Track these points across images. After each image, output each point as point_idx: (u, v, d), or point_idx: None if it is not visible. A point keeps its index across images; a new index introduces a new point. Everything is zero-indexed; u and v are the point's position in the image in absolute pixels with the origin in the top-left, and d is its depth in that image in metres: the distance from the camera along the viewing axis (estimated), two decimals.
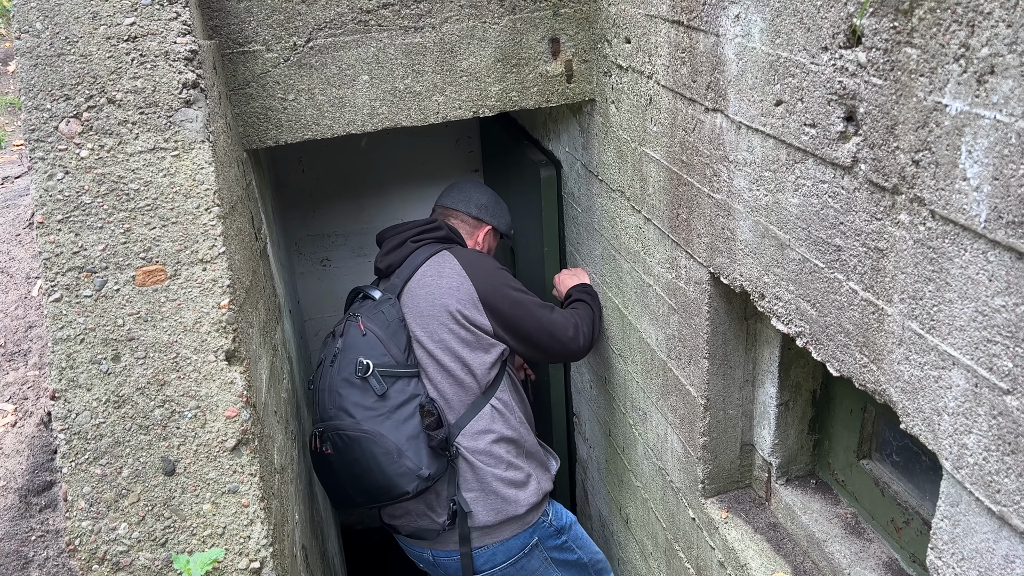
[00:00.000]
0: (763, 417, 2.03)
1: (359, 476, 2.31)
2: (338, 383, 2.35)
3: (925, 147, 1.12)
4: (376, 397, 2.32)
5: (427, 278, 2.48)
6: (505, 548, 2.56)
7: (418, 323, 2.44)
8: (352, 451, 2.30)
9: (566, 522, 2.71)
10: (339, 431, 2.31)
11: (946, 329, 1.14)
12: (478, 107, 2.34)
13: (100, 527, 1.56)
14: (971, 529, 1.15)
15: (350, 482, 2.35)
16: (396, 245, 2.62)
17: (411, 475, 2.31)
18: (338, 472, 2.34)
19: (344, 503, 2.46)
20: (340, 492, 2.40)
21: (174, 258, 1.65)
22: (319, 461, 2.39)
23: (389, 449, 2.30)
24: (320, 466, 2.41)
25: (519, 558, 2.60)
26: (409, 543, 2.66)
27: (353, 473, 2.32)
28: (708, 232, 1.83)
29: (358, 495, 2.37)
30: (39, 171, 1.63)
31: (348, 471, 2.33)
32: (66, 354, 1.58)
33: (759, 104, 1.53)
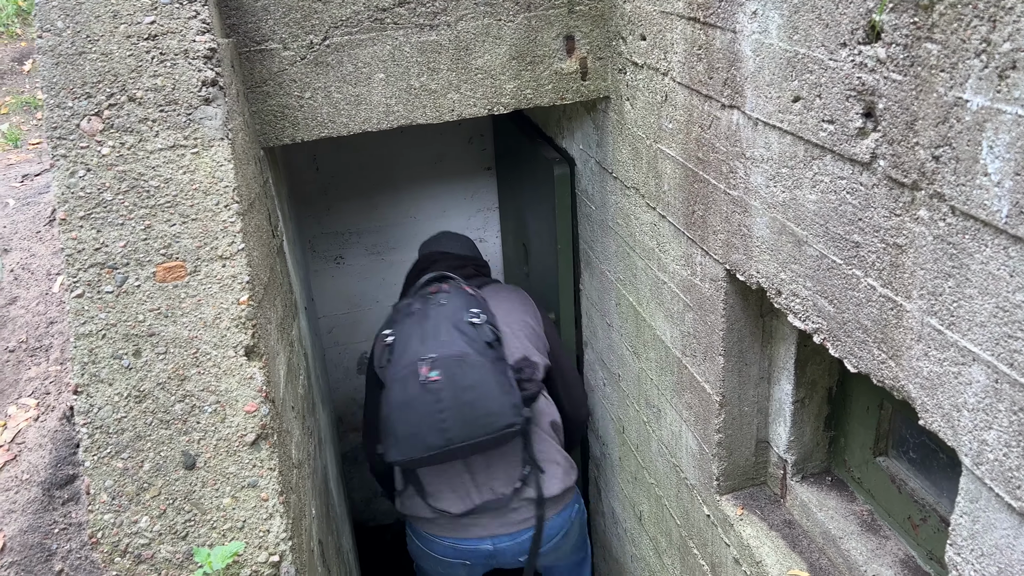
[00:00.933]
0: (779, 414, 2.03)
1: (471, 403, 2.34)
2: (450, 324, 2.46)
3: (945, 143, 1.12)
4: (483, 346, 2.43)
5: (502, 291, 2.91)
6: (560, 519, 2.79)
7: (500, 311, 2.72)
8: (468, 376, 2.36)
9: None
10: (458, 356, 2.37)
11: (966, 325, 1.14)
12: (493, 105, 2.35)
13: (122, 520, 1.58)
14: (991, 525, 1.15)
15: (457, 411, 2.34)
16: (461, 265, 3.00)
17: (518, 409, 2.41)
18: (443, 400, 2.33)
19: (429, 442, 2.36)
20: (433, 427, 2.35)
21: (194, 254, 1.66)
22: (416, 392, 2.36)
23: (501, 380, 2.41)
24: (414, 399, 2.35)
25: (578, 508, 2.90)
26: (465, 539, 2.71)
27: (464, 400, 2.34)
28: (724, 229, 1.83)
29: (460, 425, 2.34)
30: (61, 168, 1.65)
31: (458, 398, 2.34)
32: (88, 349, 1.60)
33: (776, 100, 1.53)
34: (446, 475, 2.64)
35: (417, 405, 2.35)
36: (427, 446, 2.35)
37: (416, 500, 2.69)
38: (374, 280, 4.23)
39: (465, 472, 2.64)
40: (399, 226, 4.15)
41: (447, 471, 2.63)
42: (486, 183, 4.17)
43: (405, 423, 2.35)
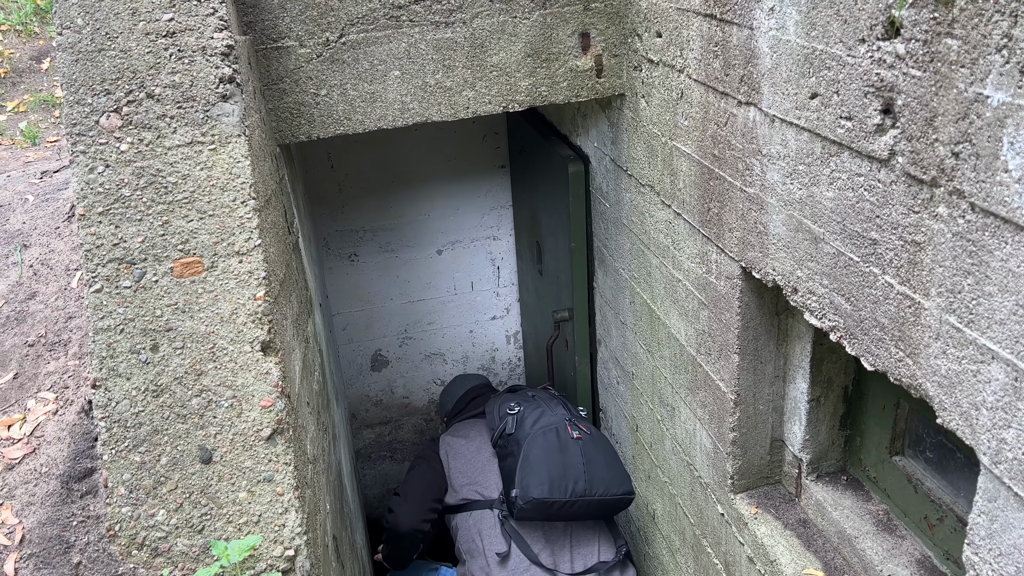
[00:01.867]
0: (794, 413, 2.02)
1: (606, 463, 2.66)
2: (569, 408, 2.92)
3: (965, 139, 1.11)
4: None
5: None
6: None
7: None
8: (601, 441, 2.75)
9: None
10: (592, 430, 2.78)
11: (985, 323, 1.13)
12: (508, 102, 2.35)
13: (139, 513, 1.59)
14: (1009, 524, 1.14)
15: (595, 464, 2.65)
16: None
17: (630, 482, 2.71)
18: (586, 453, 2.66)
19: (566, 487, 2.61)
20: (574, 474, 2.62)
21: (211, 250, 1.67)
22: (567, 441, 2.69)
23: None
24: (565, 446, 2.67)
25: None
26: None
27: (601, 460, 2.67)
28: (740, 226, 1.82)
29: (598, 481, 2.62)
30: (80, 164, 1.66)
31: (598, 456, 2.68)
32: (106, 344, 1.62)
33: (794, 97, 1.52)
34: (551, 543, 2.74)
35: (568, 452, 2.65)
36: (572, 491, 2.60)
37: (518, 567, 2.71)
38: (388, 277, 4.24)
39: (568, 538, 2.76)
40: (413, 224, 4.16)
41: (552, 539, 2.74)
42: (500, 181, 4.17)
43: (555, 466, 2.63)
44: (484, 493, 2.89)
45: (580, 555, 2.73)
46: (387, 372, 4.42)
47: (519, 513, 2.63)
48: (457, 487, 2.98)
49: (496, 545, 2.74)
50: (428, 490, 3.03)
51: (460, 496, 2.95)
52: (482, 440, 3.06)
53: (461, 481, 2.98)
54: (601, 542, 2.77)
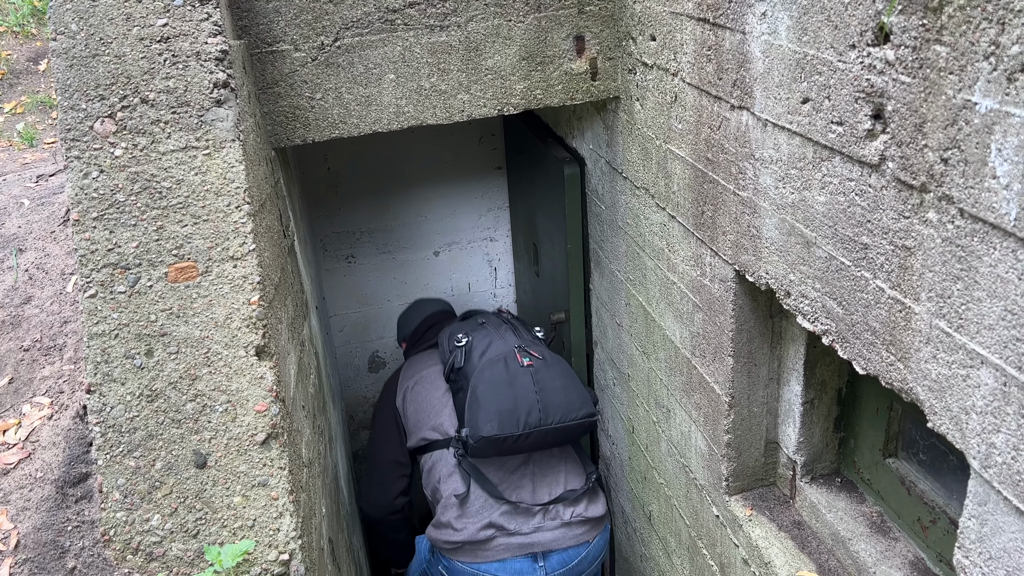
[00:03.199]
0: (788, 415, 2.03)
1: (561, 388, 2.58)
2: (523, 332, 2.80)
3: (954, 145, 1.11)
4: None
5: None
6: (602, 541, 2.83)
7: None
8: (556, 366, 2.65)
9: None
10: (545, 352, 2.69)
11: (974, 327, 1.13)
12: (503, 105, 2.35)
13: (134, 518, 1.60)
14: (999, 528, 1.15)
15: (551, 393, 2.55)
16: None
17: (595, 402, 2.65)
18: (539, 382, 2.56)
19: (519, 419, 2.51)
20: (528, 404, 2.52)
21: (205, 255, 1.68)
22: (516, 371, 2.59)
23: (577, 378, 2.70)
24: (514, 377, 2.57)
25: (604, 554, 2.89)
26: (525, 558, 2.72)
27: (556, 385, 2.59)
28: (733, 230, 1.83)
29: (553, 408, 2.53)
30: (74, 170, 1.66)
31: (552, 382, 2.59)
32: (101, 349, 1.62)
33: (785, 102, 1.53)
34: (513, 475, 2.66)
35: (517, 384, 2.53)
36: (525, 423, 2.49)
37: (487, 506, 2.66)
38: (385, 279, 4.24)
39: (531, 469, 2.69)
40: (410, 225, 4.17)
41: (513, 471, 2.67)
42: (496, 183, 4.18)
43: (505, 399, 2.51)
44: (442, 431, 2.79)
45: (545, 485, 2.68)
46: (384, 373, 4.43)
47: (472, 451, 2.56)
48: (414, 430, 2.88)
49: (454, 486, 2.67)
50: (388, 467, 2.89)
51: (419, 437, 2.85)
52: (437, 374, 2.95)
53: (419, 423, 2.87)
54: (568, 470, 2.71)
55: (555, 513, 2.67)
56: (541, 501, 2.66)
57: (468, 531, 2.63)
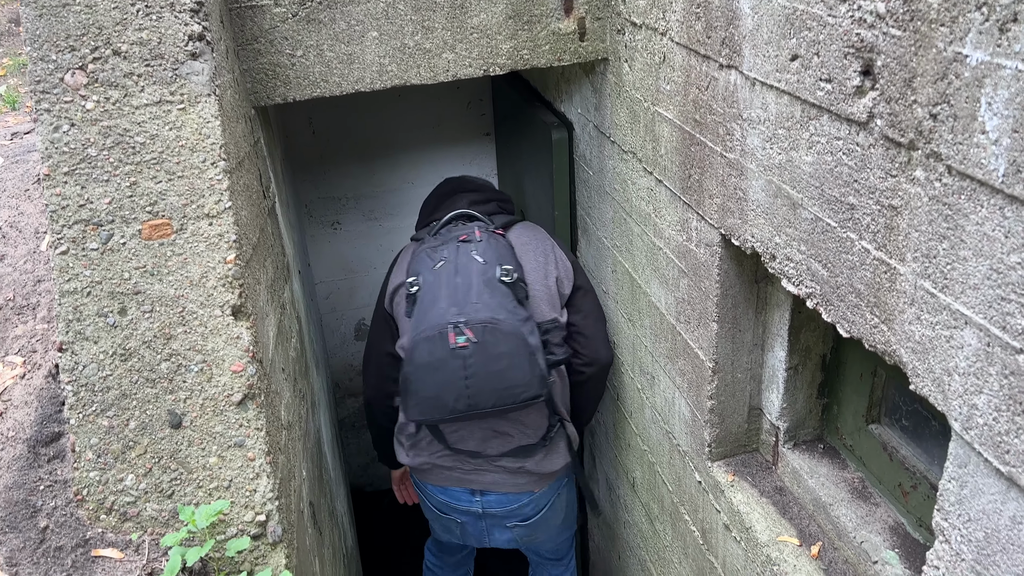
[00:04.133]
0: (772, 381, 2.02)
1: (497, 372, 2.27)
2: (482, 282, 2.34)
3: (943, 100, 1.09)
4: (515, 303, 2.34)
5: (525, 236, 2.65)
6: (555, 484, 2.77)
7: (524, 261, 2.56)
8: (500, 345, 2.27)
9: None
10: (490, 323, 2.27)
11: (959, 288, 1.11)
12: (489, 65, 2.30)
13: (107, 478, 1.58)
14: (979, 490, 1.14)
15: (484, 379, 2.27)
16: (485, 200, 2.77)
17: (544, 381, 2.32)
18: (471, 367, 2.27)
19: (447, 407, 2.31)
20: (456, 392, 2.29)
21: (180, 212, 1.64)
22: (443, 356, 2.28)
23: (531, 350, 2.30)
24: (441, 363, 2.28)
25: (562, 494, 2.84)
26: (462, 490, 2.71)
27: (491, 369, 2.27)
28: (720, 193, 1.80)
29: (486, 394, 2.29)
30: (45, 123, 1.62)
31: (487, 367, 2.27)
32: (73, 307, 1.59)
33: (774, 59, 1.49)
34: (464, 428, 2.56)
35: (444, 370, 2.27)
36: (450, 410, 2.30)
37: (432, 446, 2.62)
38: (372, 246, 4.20)
39: (485, 426, 2.56)
40: (397, 192, 4.12)
41: (465, 423, 2.54)
42: (485, 149, 4.13)
43: (429, 385, 2.29)
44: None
45: (497, 439, 2.57)
46: None
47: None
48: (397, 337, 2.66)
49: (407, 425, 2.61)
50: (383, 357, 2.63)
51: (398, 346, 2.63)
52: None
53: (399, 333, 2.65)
54: (526, 425, 2.55)
55: (500, 462, 2.61)
56: (489, 453, 2.57)
57: (414, 461, 2.64)
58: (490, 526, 2.80)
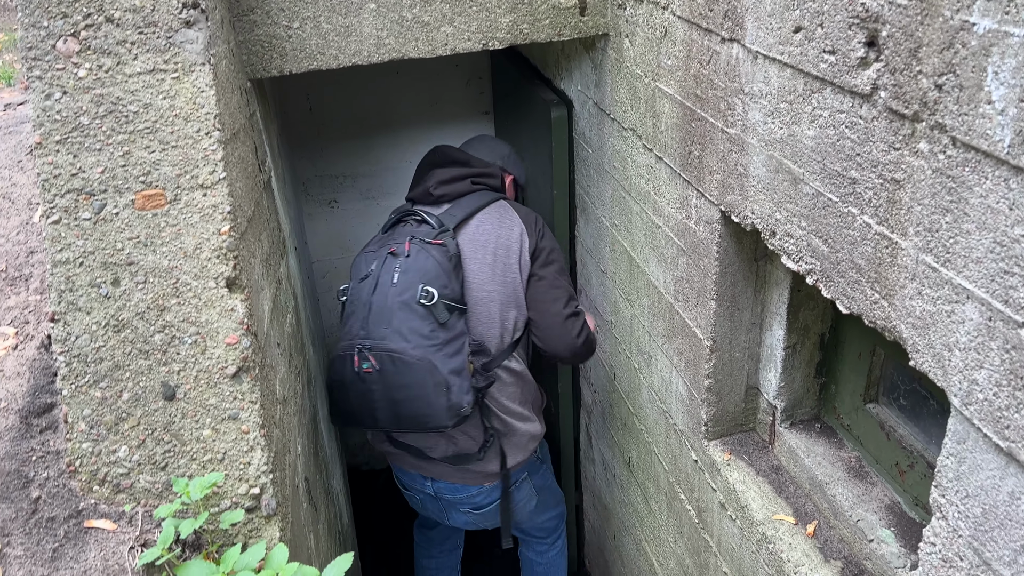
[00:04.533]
0: (769, 360, 2.01)
1: (400, 402, 2.24)
2: (397, 304, 2.25)
3: (949, 70, 1.07)
4: (435, 326, 2.25)
5: (488, 225, 2.49)
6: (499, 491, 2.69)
7: (474, 265, 2.42)
8: (403, 376, 2.22)
9: (544, 451, 2.95)
10: (394, 353, 2.22)
11: (962, 261, 1.10)
12: (488, 39, 2.27)
13: (100, 449, 1.57)
14: (977, 466, 1.13)
15: (386, 405, 2.26)
16: (455, 178, 2.59)
17: (453, 411, 2.26)
18: (374, 392, 2.26)
19: (364, 424, 2.35)
20: (366, 412, 2.31)
21: (174, 183, 1.62)
22: (350, 378, 2.28)
23: (439, 381, 2.23)
24: (349, 384, 2.29)
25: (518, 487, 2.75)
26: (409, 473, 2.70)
27: (394, 398, 2.25)
28: (720, 169, 1.78)
29: (388, 419, 2.29)
30: (36, 91, 1.59)
31: (389, 395, 2.25)
32: (65, 277, 1.57)
33: (777, 32, 1.47)
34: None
35: (351, 390, 2.28)
36: (368, 424, 2.33)
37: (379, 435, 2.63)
38: (369, 225, 4.17)
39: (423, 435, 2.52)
40: (395, 170, 4.09)
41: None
42: (484, 127, 4.10)
43: (343, 400, 2.32)
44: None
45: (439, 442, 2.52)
46: None
47: None
48: None
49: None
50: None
51: None
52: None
53: None
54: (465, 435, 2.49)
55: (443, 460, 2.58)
56: (430, 455, 2.55)
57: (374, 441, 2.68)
58: (446, 507, 2.78)
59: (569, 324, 2.46)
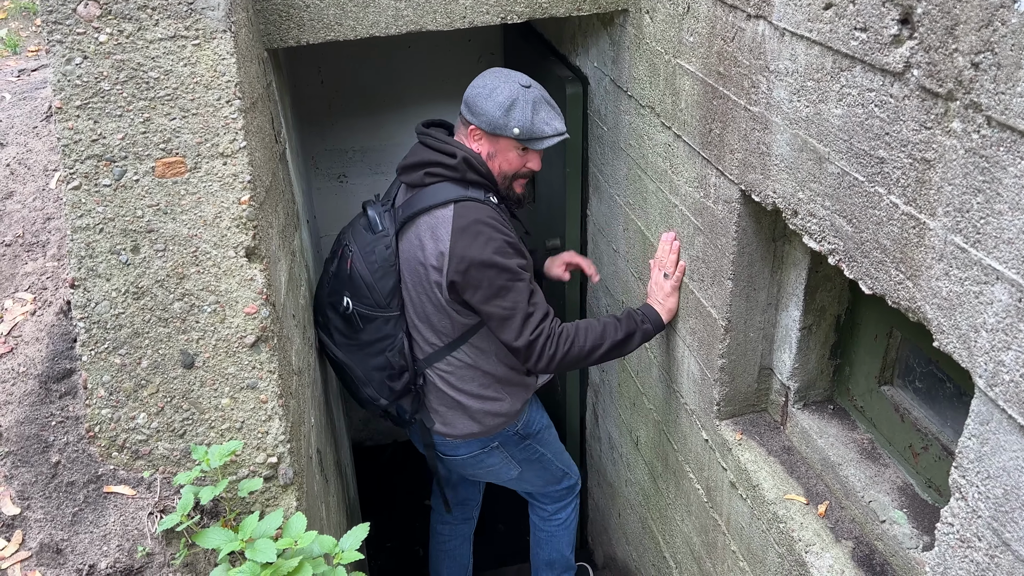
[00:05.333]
0: (784, 341, 2.01)
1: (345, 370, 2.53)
2: (326, 304, 2.47)
3: (987, 48, 1.06)
4: (353, 330, 2.43)
5: (416, 238, 2.31)
6: (466, 445, 2.64)
7: (407, 270, 2.36)
8: (335, 364, 2.56)
9: (534, 428, 2.77)
10: (325, 345, 2.52)
11: (992, 242, 1.10)
12: (506, 12, 2.25)
13: (119, 416, 1.57)
14: (1000, 447, 1.13)
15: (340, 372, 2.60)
16: (414, 166, 2.36)
17: (373, 402, 2.51)
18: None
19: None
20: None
21: (194, 150, 1.61)
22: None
23: (357, 376, 2.49)
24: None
25: (478, 454, 2.69)
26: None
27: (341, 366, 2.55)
28: (742, 147, 1.77)
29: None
30: (57, 55, 1.58)
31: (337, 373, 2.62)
32: (85, 243, 1.57)
33: (806, 8, 1.45)
34: None
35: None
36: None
37: None
38: None
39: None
40: (404, 146, 4.04)
41: None
42: None
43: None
44: None
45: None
46: None
47: None
48: None
49: None
50: None
51: None
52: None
53: None
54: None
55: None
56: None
57: None
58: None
59: (529, 351, 2.24)
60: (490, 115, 2.23)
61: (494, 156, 2.32)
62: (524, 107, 2.23)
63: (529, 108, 2.23)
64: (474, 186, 2.30)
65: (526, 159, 2.34)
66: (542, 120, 2.25)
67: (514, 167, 2.34)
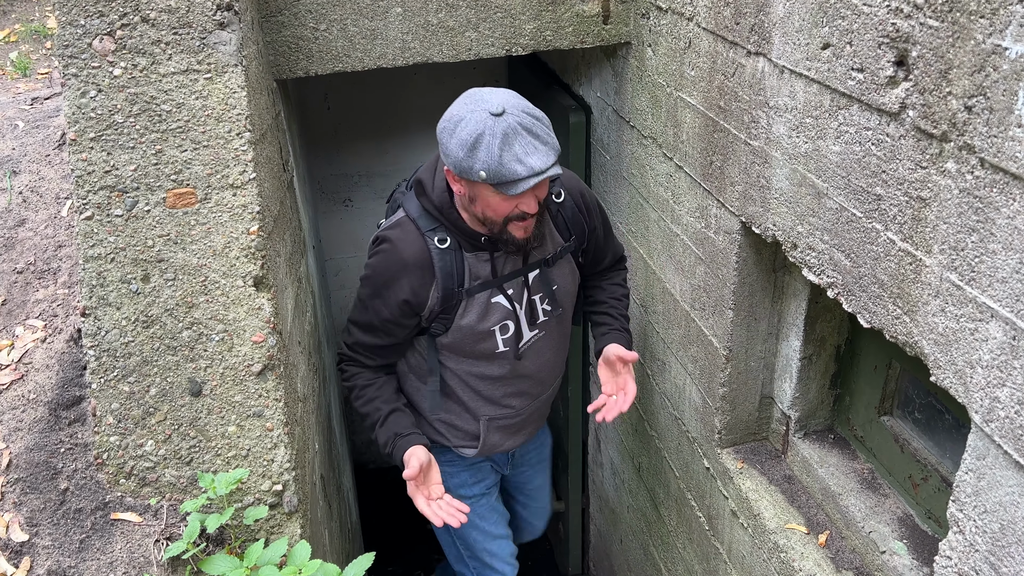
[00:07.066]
0: (785, 370, 2.03)
1: None
2: None
3: (980, 92, 1.09)
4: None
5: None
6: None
7: None
8: None
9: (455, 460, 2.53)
10: None
11: (987, 280, 1.12)
12: (511, 45, 2.30)
13: (127, 443, 1.59)
14: (996, 483, 1.15)
15: None
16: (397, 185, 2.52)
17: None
18: None
19: None
20: None
21: (205, 182, 1.65)
22: None
23: None
24: None
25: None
26: None
27: None
28: (742, 180, 1.80)
29: None
30: (72, 88, 1.62)
31: None
32: (96, 272, 1.59)
33: (805, 48, 1.49)
34: None
35: None
36: None
37: None
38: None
39: None
40: (409, 171, 4.08)
41: None
42: None
43: None
44: None
45: None
46: None
47: None
48: None
49: None
50: None
51: None
52: None
53: None
54: None
55: None
56: None
57: None
58: None
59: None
60: (453, 155, 1.82)
61: (475, 200, 1.92)
62: (490, 143, 1.75)
63: (496, 144, 1.75)
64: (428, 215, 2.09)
65: (516, 201, 1.87)
66: (513, 158, 1.76)
67: (501, 212, 1.90)
